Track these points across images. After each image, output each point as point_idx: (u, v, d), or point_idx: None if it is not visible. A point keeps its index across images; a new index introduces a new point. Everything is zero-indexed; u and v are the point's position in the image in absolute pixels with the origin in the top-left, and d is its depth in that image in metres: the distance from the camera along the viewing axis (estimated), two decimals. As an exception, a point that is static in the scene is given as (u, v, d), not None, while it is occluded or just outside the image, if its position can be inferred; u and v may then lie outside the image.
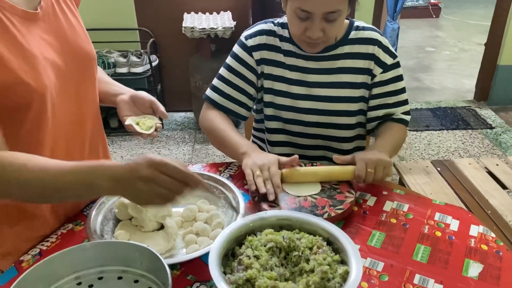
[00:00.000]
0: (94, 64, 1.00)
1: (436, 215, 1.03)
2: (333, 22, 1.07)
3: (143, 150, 2.99)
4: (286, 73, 1.22)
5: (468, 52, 5.03)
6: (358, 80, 1.21)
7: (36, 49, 0.82)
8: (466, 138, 3.05)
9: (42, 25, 0.85)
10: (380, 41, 1.19)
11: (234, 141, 1.14)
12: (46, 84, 0.82)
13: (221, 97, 1.25)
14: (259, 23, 1.26)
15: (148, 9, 3.16)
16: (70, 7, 0.95)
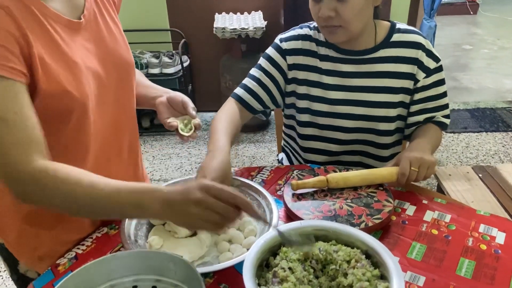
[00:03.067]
0: (133, 71, 1.00)
1: (481, 226, 0.97)
2: (344, 1, 1.03)
3: (174, 149, 3.02)
4: (323, 78, 1.19)
5: (508, 50, 4.81)
6: (398, 85, 1.16)
7: (79, 58, 0.82)
8: (507, 141, 2.91)
9: (85, 34, 0.86)
10: (424, 45, 1.14)
11: (212, 140, 1.04)
12: (87, 93, 0.83)
13: (243, 91, 1.23)
14: (295, 28, 1.24)
15: (180, 10, 3.18)
16: (111, 14, 0.95)
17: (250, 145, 3.05)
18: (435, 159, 1.06)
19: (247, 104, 1.23)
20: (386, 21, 1.19)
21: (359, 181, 1.06)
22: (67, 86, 0.78)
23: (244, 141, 3.10)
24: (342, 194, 1.05)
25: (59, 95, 0.78)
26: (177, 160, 2.89)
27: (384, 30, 1.17)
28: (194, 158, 2.90)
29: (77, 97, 0.80)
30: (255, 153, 2.94)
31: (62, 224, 0.96)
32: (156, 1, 3.13)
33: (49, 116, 0.79)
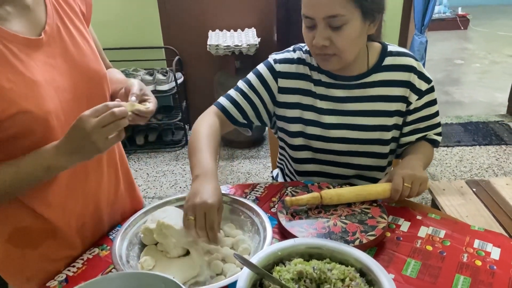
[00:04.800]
0: (105, 81, 0.99)
1: (476, 242, 0.97)
2: (339, 30, 1.01)
3: (168, 166, 3.00)
4: (317, 103, 1.18)
5: (500, 65, 4.88)
6: (391, 108, 1.16)
7: (39, 75, 0.82)
8: (500, 154, 2.93)
9: (47, 50, 0.86)
10: (415, 67, 1.15)
11: (197, 158, 1.01)
12: (50, 109, 0.83)
13: (228, 102, 1.21)
14: (289, 50, 1.22)
15: (174, 27, 3.21)
16: (79, 28, 0.94)
17: (245, 161, 3.04)
18: (427, 176, 1.06)
19: (229, 114, 1.20)
20: (377, 42, 1.19)
21: (353, 197, 1.06)
22: (25, 105, 0.78)
23: (239, 157, 3.10)
24: (336, 210, 1.04)
25: (17, 115, 0.78)
26: (172, 177, 2.87)
27: (376, 53, 1.16)
28: (188, 175, 2.88)
29: (38, 115, 0.80)
30: (250, 169, 2.94)
31: (49, 241, 0.94)
32: (150, 19, 3.16)
33: (9, 136, 0.79)
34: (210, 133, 1.10)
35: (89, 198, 0.99)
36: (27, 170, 0.82)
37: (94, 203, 1.01)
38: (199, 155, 1.01)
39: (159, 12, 3.14)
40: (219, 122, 1.18)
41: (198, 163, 0.99)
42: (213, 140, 1.08)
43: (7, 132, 0.79)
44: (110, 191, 1.05)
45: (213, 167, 0.97)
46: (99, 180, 1.01)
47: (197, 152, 1.03)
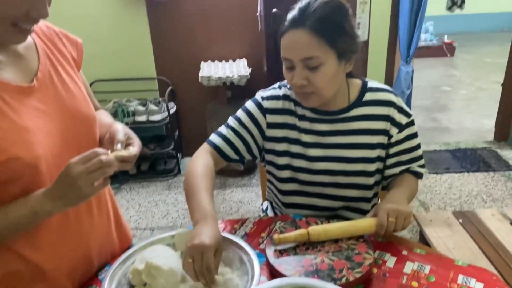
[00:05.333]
0: (95, 124, 1.01)
1: (460, 277, 0.99)
2: (316, 70, 1.06)
3: (161, 196, 3.01)
4: (302, 136, 1.22)
5: (486, 91, 5.00)
6: (374, 141, 1.20)
7: (29, 121, 0.84)
8: (488, 181, 2.97)
9: (39, 96, 0.88)
10: (394, 102, 1.20)
11: (196, 201, 1.03)
12: (40, 154, 0.85)
13: (220, 139, 1.25)
14: (275, 87, 1.27)
15: (167, 58, 3.27)
16: (70, 73, 0.98)
17: (237, 189, 3.06)
18: (411, 209, 1.09)
19: (222, 152, 1.23)
20: (358, 79, 1.24)
21: (339, 233, 1.08)
22: (15, 152, 0.80)
23: (231, 185, 3.11)
24: (324, 247, 1.06)
25: (7, 162, 0.80)
26: (164, 207, 2.87)
27: (357, 89, 1.22)
28: (180, 205, 2.88)
29: (27, 160, 0.82)
30: (242, 198, 2.95)
31: (38, 285, 0.94)
32: (144, 51, 3.22)
33: None
34: (205, 173, 1.13)
35: (79, 241, 0.99)
36: (16, 216, 0.83)
37: (84, 245, 1.01)
38: (197, 198, 1.03)
39: (152, 44, 3.21)
40: (212, 160, 1.21)
41: (197, 207, 1.01)
42: (209, 180, 1.11)
43: None
44: (100, 233, 1.06)
45: (212, 211, 0.99)
46: (90, 223, 1.02)
47: (195, 194, 1.05)
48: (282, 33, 1.09)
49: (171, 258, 0.98)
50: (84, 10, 3.00)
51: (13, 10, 0.75)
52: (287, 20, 1.09)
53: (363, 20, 2.30)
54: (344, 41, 1.07)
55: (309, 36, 1.04)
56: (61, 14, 0.81)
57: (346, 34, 1.07)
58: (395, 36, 3.20)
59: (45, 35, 0.96)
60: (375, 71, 3.21)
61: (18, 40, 0.83)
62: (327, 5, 1.05)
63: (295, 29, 1.06)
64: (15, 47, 0.88)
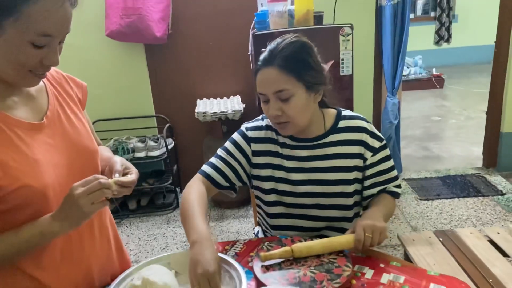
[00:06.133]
0: (97, 156, 1.14)
1: (431, 285, 1.07)
2: (288, 102, 1.19)
3: (160, 230, 3.08)
4: (284, 162, 1.34)
5: (474, 120, 5.16)
6: (350, 164, 1.32)
7: (39, 154, 0.96)
8: (478, 206, 3.06)
9: (48, 131, 1.01)
10: (367, 128, 1.32)
11: (192, 224, 1.12)
12: (48, 183, 0.96)
13: (210, 168, 1.36)
14: (258, 119, 1.41)
15: (164, 97, 3.44)
16: (75, 111, 1.11)
17: (235, 220, 3.13)
18: (386, 225, 1.18)
19: (213, 179, 1.35)
20: (332, 108, 1.38)
21: (320, 249, 1.17)
22: (26, 180, 0.92)
23: (229, 217, 3.19)
24: (306, 261, 1.15)
25: (18, 189, 0.91)
26: (163, 240, 2.94)
27: (331, 117, 1.35)
28: (179, 237, 2.95)
29: (37, 188, 0.93)
30: (239, 229, 3.02)
31: None
32: (142, 91, 3.40)
33: (12, 208, 0.92)
34: (199, 199, 1.23)
35: (82, 263, 1.09)
36: (25, 236, 0.93)
37: (86, 266, 1.11)
38: (193, 221, 1.13)
39: (151, 84, 3.39)
40: (205, 188, 1.32)
41: (193, 229, 1.11)
42: (203, 205, 1.22)
43: (10, 203, 0.92)
44: (101, 255, 1.16)
45: (207, 232, 1.09)
46: (91, 246, 1.12)
47: (190, 218, 1.15)
48: (256, 72, 1.24)
49: (166, 275, 1.07)
50: (88, 56, 3.21)
51: (30, 60, 0.89)
52: (259, 60, 1.24)
53: (346, 56, 2.47)
54: (310, 75, 1.21)
55: (278, 73, 1.18)
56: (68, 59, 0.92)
57: (311, 68, 1.21)
58: (380, 70, 3.38)
59: (55, 79, 1.10)
60: (362, 104, 3.37)
61: (32, 83, 0.96)
62: (292, 45, 1.20)
63: (266, 68, 1.21)
64: (28, 89, 1.02)
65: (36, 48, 0.87)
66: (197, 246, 1.04)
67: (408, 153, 4.19)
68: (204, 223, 1.14)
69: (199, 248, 1.03)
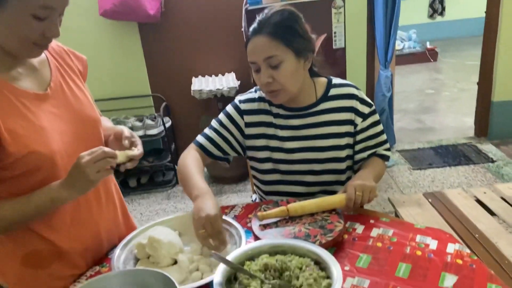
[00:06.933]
0: (99, 125, 1.20)
1: (418, 237, 1.15)
2: (278, 68, 1.24)
3: (161, 205, 3.16)
4: (278, 132, 1.40)
5: (468, 92, 5.21)
6: (342, 130, 1.38)
7: (45, 122, 1.02)
8: (469, 173, 3.15)
9: (52, 101, 1.07)
10: (356, 95, 1.38)
11: (192, 182, 1.22)
12: (55, 150, 1.02)
13: (204, 139, 1.43)
14: (251, 91, 1.47)
15: (160, 76, 3.48)
16: (77, 82, 1.17)
17: (233, 195, 3.21)
18: (375, 184, 1.25)
19: (205, 149, 1.42)
20: (323, 77, 1.43)
21: (314, 208, 1.24)
22: (34, 147, 0.98)
23: (227, 191, 3.27)
24: (301, 219, 1.23)
25: (28, 156, 0.97)
26: (164, 215, 3.01)
27: (322, 86, 1.40)
28: (180, 212, 3.03)
29: (45, 154, 0.99)
30: (238, 202, 3.08)
31: (58, 262, 1.11)
32: (138, 71, 3.43)
33: (22, 173, 0.99)
34: (196, 164, 1.32)
35: (90, 225, 1.16)
36: (36, 201, 1.00)
37: (95, 229, 1.18)
38: (193, 180, 1.22)
39: (146, 63, 3.42)
40: (199, 156, 1.39)
41: (194, 186, 1.20)
42: (200, 168, 1.31)
43: (20, 170, 0.99)
44: (108, 219, 1.24)
45: (208, 188, 1.18)
46: (99, 210, 1.19)
47: (189, 178, 1.24)
48: (247, 42, 1.29)
49: (170, 234, 1.15)
50: (83, 37, 3.23)
51: (32, 32, 0.93)
52: (249, 31, 1.28)
53: (338, 29, 2.51)
54: (298, 42, 1.26)
55: (267, 40, 1.23)
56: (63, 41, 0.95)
57: (299, 35, 1.26)
58: (372, 43, 3.41)
59: (56, 52, 1.15)
60: (355, 77, 3.41)
61: (36, 54, 1.01)
62: (280, 13, 1.26)
63: (256, 36, 1.26)
64: (31, 61, 1.06)
65: (38, 21, 0.92)
66: (199, 199, 1.13)
67: (401, 126, 4.26)
68: (203, 181, 1.22)
69: (201, 200, 1.13)
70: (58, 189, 1.00)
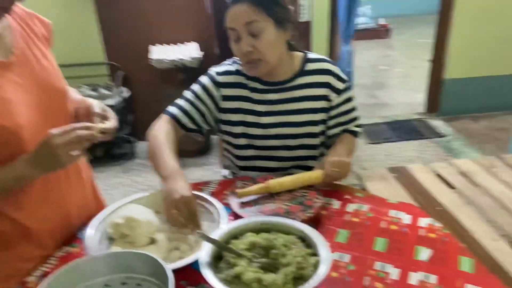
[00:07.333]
0: (67, 98, 1.11)
1: (392, 212, 1.19)
2: (259, 37, 1.21)
3: (118, 179, 3.05)
4: (255, 107, 1.37)
5: (418, 69, 5.41)
6: (316, 106, 1.37)
7: (10, 94, 0.93)
8: (421, 147, 3.31)
9: (16, 70, 0.97)
10: (331, 70, 1.37)
11: (162, 160, 1.15)
12: (21, 124, 0.94)
13: (177, 110, 1.37)
14: (226, 63, 1.41)
15: (116, 43, 3.28)
16: (42, 49, 1.06)
17: (196, 168, 3.17)
18: (350, 161, 1.28)
19: (179, 122, 1.36)
20: (300, 51, 1.41)
21: (292, 185, 1.24)
22: (1, 121, 0.89)
23: (190, 165, 3.22)
24: (280, 196, 1.23)
25: None
26: (122, 189, 2.93)
27: (299, 60, 1.38)
28: (140, 186, 2.96)
29: (10, 128, 0.91)
30: (201, 176, 3.07)
31: (24, 244, 1.03)
32: (91, 36, 3.21)
33: None
34: (166, 138, 1.25)
35: (60, 204, 1.09)
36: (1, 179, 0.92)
37: (64, 207, 1.11)
38: (162, 158, 1.16)
39: (102, 29, 3.21)
40: (172, 128, 1.32)
41: (163, 165, 1.13)
42: (171, 143, 1.24)
43: None
44: (78, 197, 1.16)
45: (178, 167, 1.12)
46: (68, 187, 1.12)
47: (159, 155, 1.17)
48: (226, 9, 1.24)
49: (147, 213, 1.10)
50: None
51: None
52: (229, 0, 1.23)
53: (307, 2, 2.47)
54: (279, 11, 1.23)
55: (248, 6, 1.20)
56: None
57: (279, 5, 1.24)
58: (335, 18, 3.42)
59: (19, 16, 1.03)
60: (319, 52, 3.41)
61: None
62: None
63: (236, 4, 1.21)
64: None
65: None
66: (170, 180, 1.07)
67: (358, 101, 4.35)
68: (174, 159, 1.16)
69: (172, 181, 1.07)
70: (22, 167, 0.92)
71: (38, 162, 0.91)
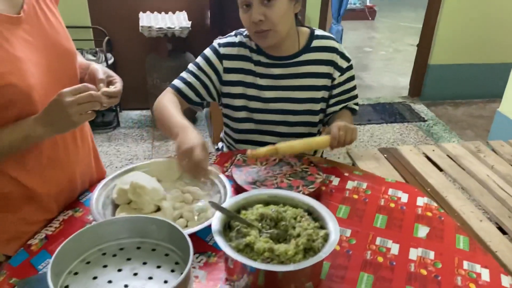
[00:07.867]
0: (75, 59, 1.08)
1: (390, 190, 1.23)
2: (271, 6, 1.20)
3: (102, 147, 3.00)
4: (257, 80, 1.36)
5: (402, 53, 5.49)
6: (319, 83, 1.38)
7: (21, 52, 0.89)
8: (403, 130, 3.39)
9: (26, 27, 0.93)
10: (337, 48, 1.38)
11: (171, 121, 1.17)
12: (32, 84, 0.91)
13: (182, 83, 1.36)
14: (231, 35, 1.39)
15: (102, 7, 3.16)
16: (50, 7, 1.02)
17: (179, 141, 3.14)
18: (355, 126, 1.30)
19: (184, 94, 1.35)
20: (306, 27, 1.40)
21: (301, 148, 1.24)
22: (11, 79, 0.86)
23: (172, 137, 3.19)
24: (282, 171, 1.24)
25: (3, 88, 0.85)
26: (106, 158, 2.88)
27: (305, 36, 1.37)
28: (123, 155, 2.92)
29: (22, 87, 0.88)
30: (184, 148, 3.05)
31: (28, 207, 1.02)
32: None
33: None
34: (173, 104, 1.25)
35: (66, 168, 1.08)
36: (9, 138, 0.89)
37: (70, 172, 1.10)
38: (173, 119, 1.16)
39: (86, -9, 3.08)
40: (177, 100, 1.32)
41: (174, 124, 1.14)
42: (178, 109, 1.23)
43: None
44: (83, 162, 1.15)
45: (187, 122, 1.13)
46: (75, 152, 1.10)
47: (169, 117, 1.18)
48: None
49: (151, 181, 1.10)
50: None
51: None
52: None
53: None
54: None
55: None
56: None
57: None
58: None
59: None
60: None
61: None
62: None
63: None
64: None
65: None
66: (181, 134, 1.08)
67: (343, 81, 4.40)
68: (184, 119, 1.17)
69: (182, 134, 1.07)
70: (33, 125, 0.89)
71: (49, 121, 0.89)
